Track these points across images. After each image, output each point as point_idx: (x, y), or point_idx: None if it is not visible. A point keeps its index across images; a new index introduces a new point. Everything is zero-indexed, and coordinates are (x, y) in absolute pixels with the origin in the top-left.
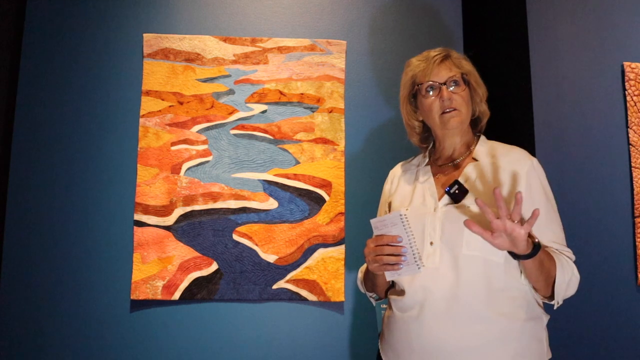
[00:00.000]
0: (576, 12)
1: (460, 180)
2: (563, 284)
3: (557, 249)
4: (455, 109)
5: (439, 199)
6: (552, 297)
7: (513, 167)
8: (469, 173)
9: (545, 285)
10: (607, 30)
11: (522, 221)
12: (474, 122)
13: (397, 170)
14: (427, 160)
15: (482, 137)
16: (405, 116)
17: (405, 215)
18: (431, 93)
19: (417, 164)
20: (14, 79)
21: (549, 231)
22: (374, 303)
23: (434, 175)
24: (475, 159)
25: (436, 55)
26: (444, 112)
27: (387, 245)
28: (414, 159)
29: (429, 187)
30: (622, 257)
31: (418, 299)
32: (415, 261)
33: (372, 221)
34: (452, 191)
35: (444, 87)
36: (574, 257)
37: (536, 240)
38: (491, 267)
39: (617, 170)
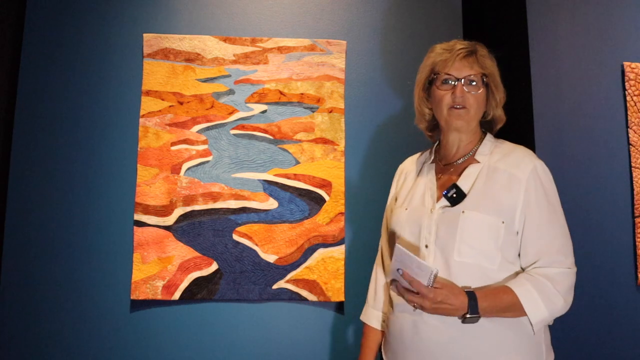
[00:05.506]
0: (576, 12)
1: (460, 182)
2: (537, 315)
3: (540, 265)
4: (464, 108)
5: (437, 200)
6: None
7: (513, 170)
8: (468, 175)
9: (519, 315)
10: (607, 30)
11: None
12: (489, 125)
13: (405, 166)
14: (432, 157)
15: (488, 137)
16: (417, 101)
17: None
18: (446, 86)
19: (424, 161)
20: (14, 79)
21: (541, 240)
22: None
23: (437, 174)
24: (477, 161)
25: (461, 48)
26: (452, 107)
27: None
28: (422, 154)
29: (430, 186)
30: (622, 257)
31: None
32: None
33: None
34: (449, 195)
35: (459, 83)
36: (565, 269)
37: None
38: (484, 273)
39: (617, 170)
